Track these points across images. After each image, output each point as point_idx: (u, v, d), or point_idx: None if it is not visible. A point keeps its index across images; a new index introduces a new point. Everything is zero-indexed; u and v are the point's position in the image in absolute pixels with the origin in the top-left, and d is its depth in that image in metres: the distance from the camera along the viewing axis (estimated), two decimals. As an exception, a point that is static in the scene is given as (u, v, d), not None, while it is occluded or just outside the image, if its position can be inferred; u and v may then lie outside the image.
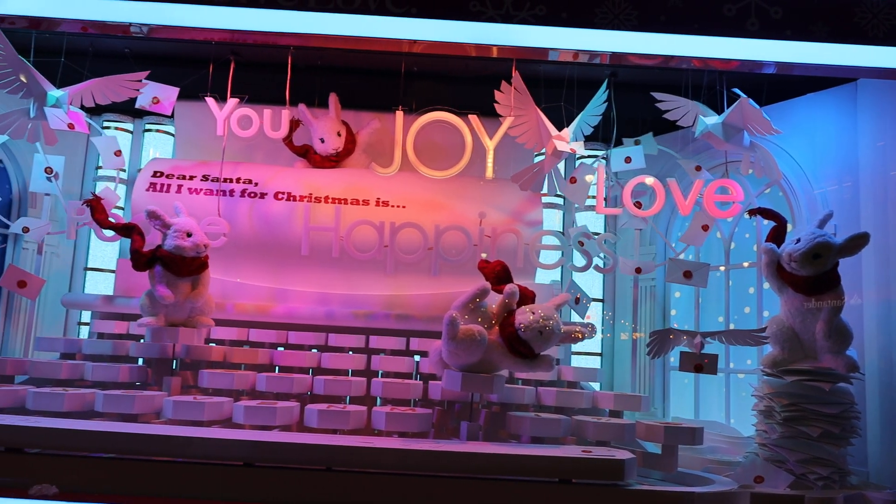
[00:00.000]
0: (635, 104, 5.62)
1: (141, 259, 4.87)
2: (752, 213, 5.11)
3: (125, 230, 4.99)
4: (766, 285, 4.99)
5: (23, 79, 5.06)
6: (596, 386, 5.75)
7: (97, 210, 5.04)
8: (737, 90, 5.07)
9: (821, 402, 4.38)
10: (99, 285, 6.60)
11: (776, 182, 5.52)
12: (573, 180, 5.53)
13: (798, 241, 4.55)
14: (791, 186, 5.60)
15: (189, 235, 4.89)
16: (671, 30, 4.75)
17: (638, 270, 5.62)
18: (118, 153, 5.65)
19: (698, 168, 5.53)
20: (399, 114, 5.48)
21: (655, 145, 5.63)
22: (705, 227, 5.40)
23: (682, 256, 5.66)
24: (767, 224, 5.00)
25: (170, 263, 4.86)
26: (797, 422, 4.39)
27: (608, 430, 4.42)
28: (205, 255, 4.98)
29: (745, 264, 6.01)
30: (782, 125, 5.20)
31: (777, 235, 4.79)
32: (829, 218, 4.68)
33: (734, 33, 4.78)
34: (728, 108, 5.14)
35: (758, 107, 5.04)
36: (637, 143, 5.54)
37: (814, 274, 4.48)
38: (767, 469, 4.33)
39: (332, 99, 6.14)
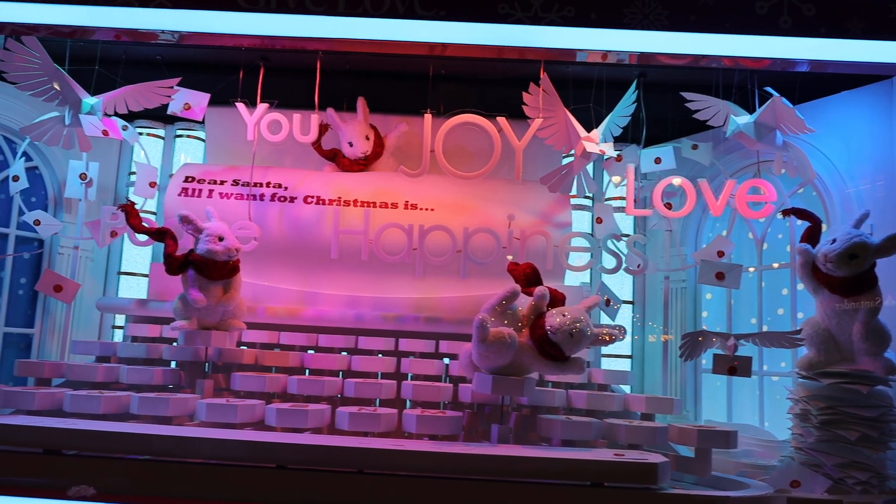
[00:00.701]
0: (665, 104, 5.57)
1: (174, 263, 4.92)
2: (785, 213, 5.04)
3: (158, 235, 5.05)
4: (801, 286, 4.92)
5: (56, 87, 5.15)
6: (626, 389, 5.71)
7: (131, 215, 5.11)
8: (769, 89, 5.01)
9: (858, 406, 4.30)
10: (132, 289, 6.69)
11: (810, 182, 5.44)
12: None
13: (834, 241, 4.47)
14: (825, 186, 5.51)
15: (221, 239, 4.94)
16: (702, 29, 4.69)
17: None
18: (153, 185, 5.75)
19: (695, 147, 5.47)
20: (427, 116, 5.49)
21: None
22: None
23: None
24: (801, 224, 4.92)
25: (202, 267, 4.91)
26: (834, 425, 4.31)
27: (640, 433, 4.38)
28: (236, 258, 5.02)
29: (775, 265, 5.93)
30: (816, 124, 5.13)
31: (812, 236, 4.72)
32: (865, 217, 4.60)
33: (766, 31, 4.71)
34: (760, 107, 5.07)
35: (791, 105, 4.97)
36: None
37: (850, 275, 4.40)
38: (804, 473, 4.26)
39: (361, 103, 6.17)
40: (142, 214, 5.30)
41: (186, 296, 4.90)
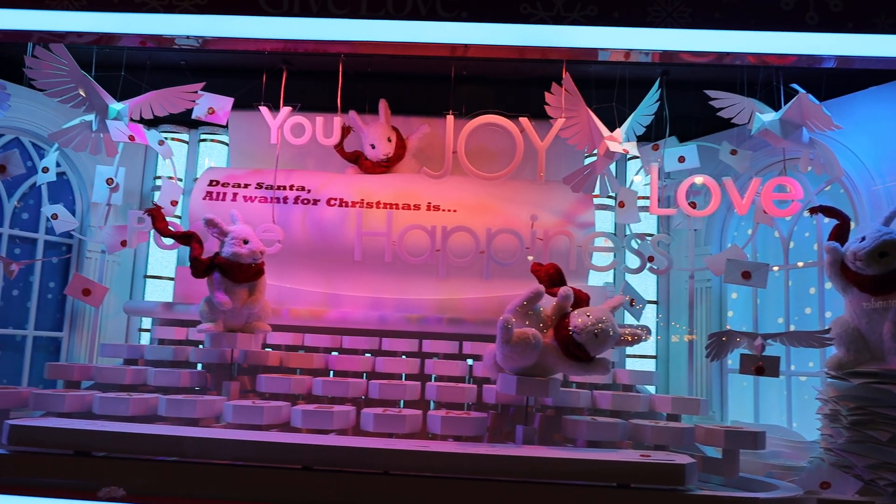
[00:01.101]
0: (688, 103, 5.53)
1: (200, 266, 4.97)
2: (813, 210, 4.98)
3: (184, 238, 5.10)
4: (829, 285, 4.86)
5: (82, 93, 5.22)
6: (651, 389, 5.67)
7: (158, 219, 5.16)
8: (795, 86, 4.95)
9: (890, 406, 4.22)
10: (158, 293, 6.76)
11: (837, 179, 5.37)
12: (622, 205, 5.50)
13: (863, 239, 4.41)
14: (853, 183, 5.44)
15: (246, 242, 4.97)
16: (726, 26, 4.64)
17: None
18: (174, 203, 5.81)
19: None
20: (449, 118, 5.49)
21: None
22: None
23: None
24: (829, 222, 4.86)
25: (227, 270, 4.95)
26: (865, 426, 4.24)
27: (667, 433, 4.35)
28: (261, 261, 5.06)
29: (800, 264, 5.86)
30: (843, 120, 5.06)
31: (840, 234, 4.65)
32: (895, 215, 4.53)
33: (792, 28, 4.65)
34: (785, 104, 5.02)
35: (817, 102, 4.91)
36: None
37: (880, 273, 4.34)
38: (834, 474, 4.20)
39: (382, 105, 6.19)
40: (167, 219, 5.35)
41: (212, 298, 4.95)
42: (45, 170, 5.60)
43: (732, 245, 5.40)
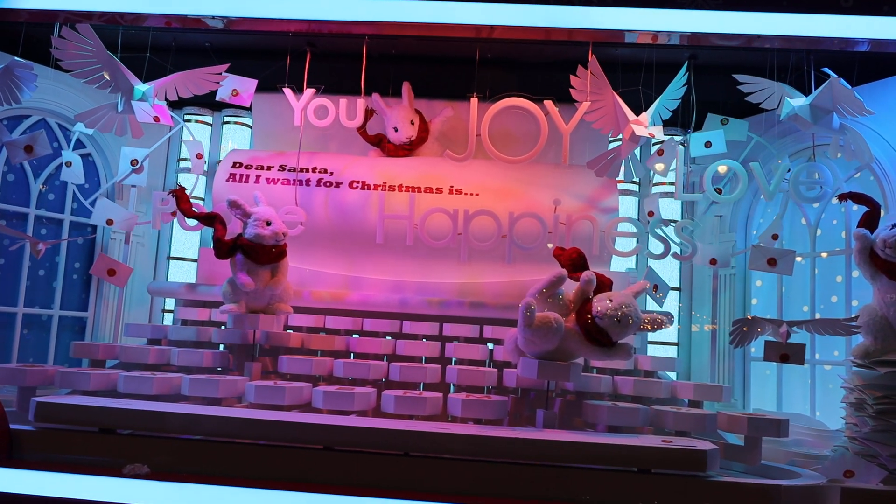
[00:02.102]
0: (716, 87, 5.45)
1: (223, 248, 4.99)
2: (842, 197, 4.90)
3: (208, 219, 5.12)
4: (856, 273, 4.79)
5: (106, 76, 5.25)
6: (673, 376, 5.64)
7: (182, 200, 5.19)
8: (826, 70, 4.85)
9: (917, 395, 4.18)
10: (182, 274, 6.82)
11: (867, 166, 5.28)
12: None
13: (893, 226, 4.34)
14: (883, 170, 5.34)
15: (268, 224, 4.99)
16: (757, 8, 4.56)
17: (713, 262, 5.45)
18: (199, 156, 5.86)
19: (724, 121, 5.35)
20: (473, 101, 5.45)
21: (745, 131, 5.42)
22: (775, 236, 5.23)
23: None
24: (858, 210, 4.78)
25: (250, 252, 4.97)
26: (891, 415, 4.19)
27: (688, 420, 4.32)
28: (283, 243, 5.07)
29: (824, 254, 5.77)
30: (875, 106, 4.96)
31: (870, 221, 4.57)
32: (926, 201, 4.45)
33: (825, 10, 4.55)
34: (816, 88, 4.93)
35: (849, 87, 4.82)
36: (725, 121, 5.32)
37: (911, 260, 4.28)
38: (858, 463, 4.15)
39: (406, 88, 6.17)
40: (191, 200, 5.38)
41: (235, 280, 4.97)
42: (69, 164, 5.64)
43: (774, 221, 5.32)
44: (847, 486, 3.80)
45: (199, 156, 5.88)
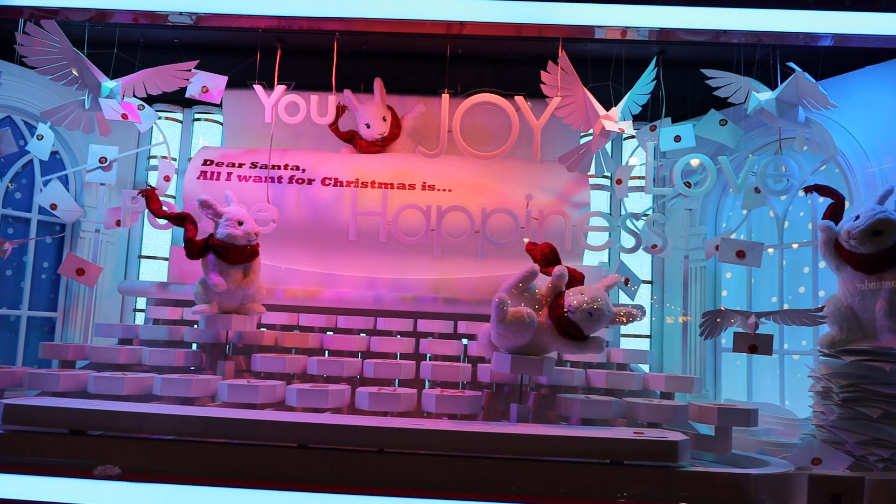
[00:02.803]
0: (685, 82, 5.51)
1: (194, 248, 4.94)
2: (807, 190, 4.98)
3: (178, 220, 5.07)
4: (822, 264, 4.88)
5: (74, 72, 5.17)
6: (645, 368, 5.70)
7: (152, 200, 5.13)
8: (791, 64, 4.93)
9: (881, 383, 4.25)
10: (153, 272, 6.76)
11: (832, 158, 5.37)
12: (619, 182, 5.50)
13: (857, 217, 4.42)
14: (848, 163, 5.44)
15: (240, 224, 4.94)
16: (723, 3, 4.62)
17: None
18: (167, 178, 5.86)
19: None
20: (445, 97, 5.46)
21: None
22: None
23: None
24: (823, 202, 4.86)
25: (222, 252, 4.92)
26: (856, 403, 4.28)
27: (660, 411, 4.38)
28: (256, 243, 5.04)
29: (795, 245, 5.87)
30: (839, 99, 5.05)
31: (834, 213, 4.66)
32: (889, 194, 4.53)
33: (790, 5, 4.63)
34: (782, 83, 5.00)
35: (813, 81, 4.89)
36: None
37: (874, 251, 4.35)
38: (825, 451, 4.24)
39: (377, 84, 6.16)
40: (161, 199, 5.33)
41: (207, 280, 4.93)
42: (40, 137, 5.53)
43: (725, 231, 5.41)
44: (815, 474, 3.87)
45: (168, 178, 5.83)
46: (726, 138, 5.44)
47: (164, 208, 5.19)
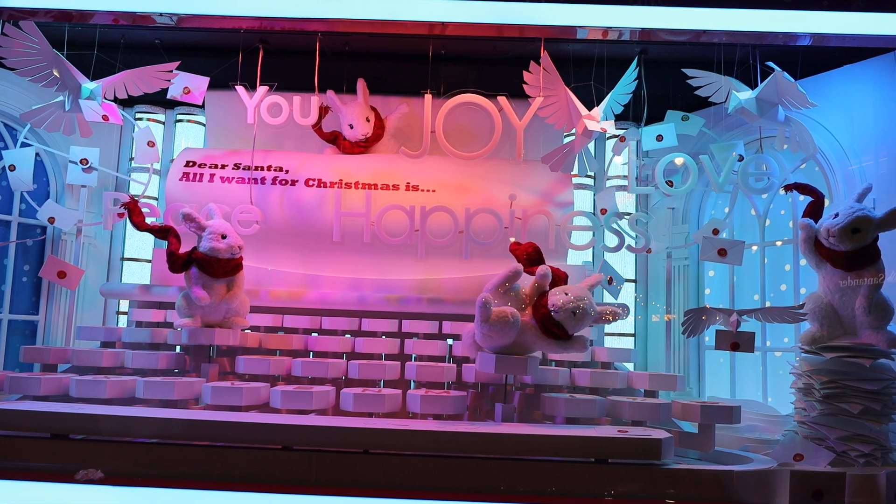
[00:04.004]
0: (666, 81, 5.54)
1: (177, 261, 4.90)
2: (787, 188, 5.03)
3: (161, 233, 5.03)
4: (803, 262, 4.91)
5: (56, 73, 5.13)
6: (630, 366, 5.73)
7: (134, 213, 5.09)
8: (771, 63, 4.98)
9: (861, 379, 4.30)
10: (135, 275, 6.71)
11: (812, 157, 5.42)
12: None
13: (836, 215, 4.46)
14: (827, 161, 5.50)
15: (224, 237, 4.90)
16: (703, 3, 4.66)
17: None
18: (151, 143, 5.74)
19: (685, 118, 5.47)
20: (427, 97, 5.47)
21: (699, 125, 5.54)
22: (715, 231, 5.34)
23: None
24: (804, 200, 4.91)
25: (205, 265, 4.88)
26: (837, 399, 4.32)
27: (644, 409, 4.40)
28: (239, 256, 5.01)
29: (778, 243, 5.92)
30: (818, 98, 5.10)
31: (814, 211, 4.70)
32: (868, 192, 4.58)
33: (768, 5, 4.68)
34: (762, 82, 5.05)
35: (792, 80, 4.94)
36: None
37: (853, 248, 4.40)
38: (807, 447, 4.28)
39: (360, 84, 6.14)
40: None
41: (190, 293, 4.88)
42: (12, 168, 5.48)
43: (713, 219, 5.44)
44: (797, 469, 3.90)
45: (151, 143, 5.76)
46: (691, 129, 5.48)
47: (147, 222, 5.14)
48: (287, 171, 5.97)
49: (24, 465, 3.70)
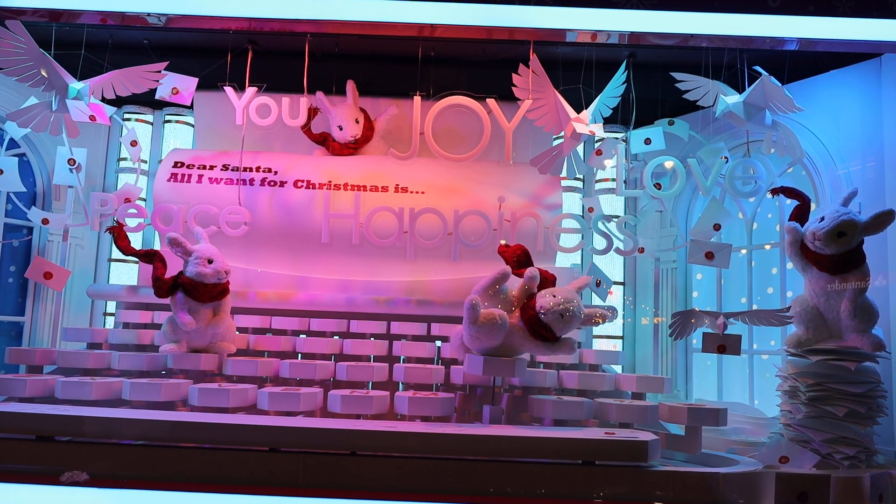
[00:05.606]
0: (654, 85, 5.57)
1: (163, 286, 4.86)
2: (774, 192, 5.06)
3: (147, 257, 5.01)
4: (790, 265, 4.95)
5: (44, 73, 5.10)
6: (617, 369, 5.74)
7: (119, 238, 5.08)
8: (758, 68, 5.01)
9: (846, 382, 4.34)
10: (123, 276, 6.67)
11: (799, 161, 5.46)
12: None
13: (822, 219, 4.50)
14: (814, 165, 5.53)
15: (210, 262, 4.87)
16: (691, 7, 4.69)
17: (641, 250, 5.60)
18: (134, 143, 5.72)
19: (671, 122, 5.50)
20: (417, 99, 5.47)
21: (686, 130, 5.57)
22: (717, 226, 5.36)
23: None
24: (791, 203, 4.95)
25: (191, 290, 4.84)
26: (822, 401, 4.35)
27: (631, 412, 4.42)
28: (226, 280, 4.98)
29: (767, 246, 5.95)
30: (805, 103, 5.13)
31: (801, 214, 4.74)
32: (853, 195, 4.62)
33: (755, 10, 4.71)
34: (749, 86, 5.08)
35: (779, 84, 4.98)
36: (671, 122, 5.47)
37: (838, 252, 4.43)
38: (793, 449, 4.31)
39: (350, 86, 6.14)
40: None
41: (175, 318, 4.85)
42: None
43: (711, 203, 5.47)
44: (782, 472, 3.94)
45: (135, 143, 5.73)
46: (680, 133, 5.51)
47: (133, 247, 5.12)
48: (276, 173, 5.96)
49: (9, 467, 3.68)
